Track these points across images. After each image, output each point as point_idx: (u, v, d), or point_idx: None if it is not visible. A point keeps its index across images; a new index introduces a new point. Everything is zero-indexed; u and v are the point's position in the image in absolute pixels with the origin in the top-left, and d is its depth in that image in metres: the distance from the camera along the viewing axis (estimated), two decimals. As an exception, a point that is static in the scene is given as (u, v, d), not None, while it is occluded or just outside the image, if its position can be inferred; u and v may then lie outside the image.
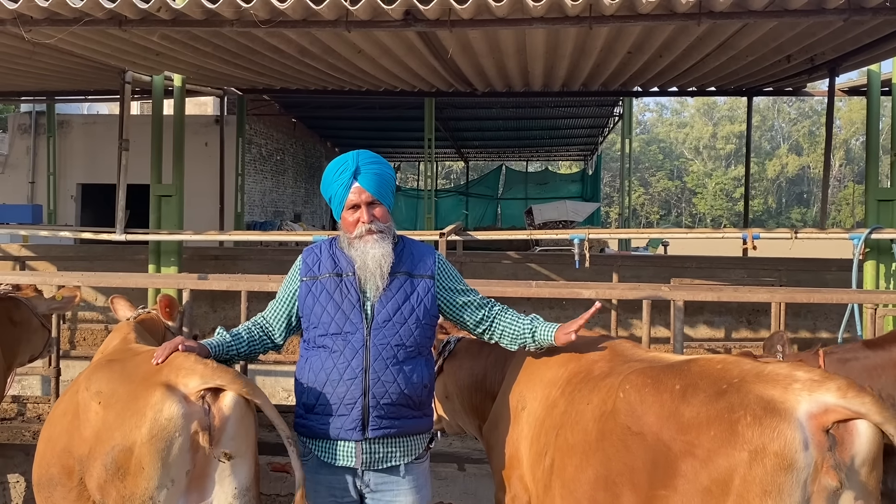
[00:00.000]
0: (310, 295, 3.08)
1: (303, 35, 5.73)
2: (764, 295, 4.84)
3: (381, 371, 2.97)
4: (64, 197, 17.50)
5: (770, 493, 2.24)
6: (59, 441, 3.19)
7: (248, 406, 3.04)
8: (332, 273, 3.07)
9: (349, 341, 2.99)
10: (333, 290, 3.04)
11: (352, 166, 3.05)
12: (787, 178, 76.05)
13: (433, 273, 3.14)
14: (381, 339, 2.99)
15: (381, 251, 2.99)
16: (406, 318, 3.02)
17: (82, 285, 7.24)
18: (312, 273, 3.10)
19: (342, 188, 3.05)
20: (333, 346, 3.00)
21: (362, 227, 3.01)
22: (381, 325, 2.99)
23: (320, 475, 3.05)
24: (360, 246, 3.02)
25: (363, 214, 3.02)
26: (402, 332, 3.01)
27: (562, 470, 2.88)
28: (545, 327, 3.17)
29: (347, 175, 3.05)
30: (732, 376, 2.55)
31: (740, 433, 2.32)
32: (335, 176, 3.09)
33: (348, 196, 3.04)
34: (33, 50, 5.80)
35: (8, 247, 10.26)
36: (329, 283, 3.06)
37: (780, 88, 9.23)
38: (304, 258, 3.18)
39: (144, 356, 3.26)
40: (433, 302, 3.11)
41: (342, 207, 3.07)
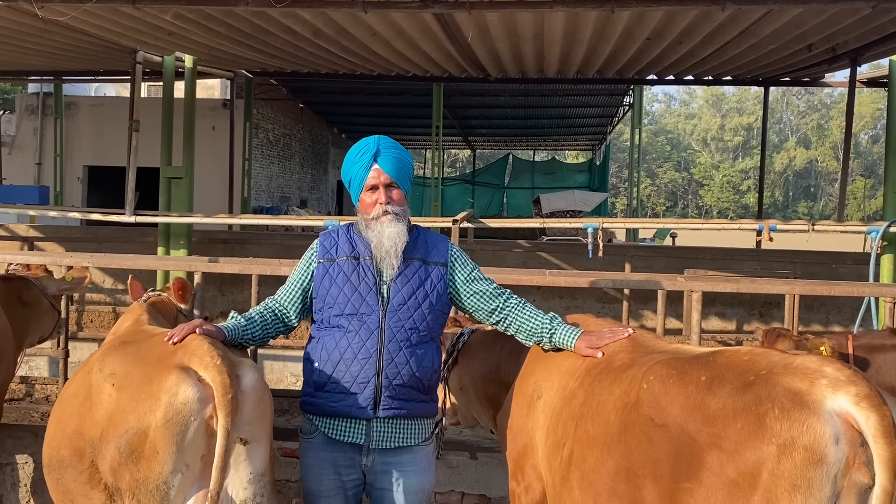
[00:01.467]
0: (326, 276, 3.11)
1: (318, 16, 5.64)
2: (784, 287, 4.77)
3: (394, 353, 3.02)
4: (70, 178, 17.48)
5: (799, 488, 2.18)
6: (71, 422, 3.13)
7: (265, 391, 3.00)
8: (350, 256, 3.11)
9: (364, 322, 3.03)
10: (350, 273, 3.08)
11: (372, 149, 3.11)
12: (795, 172, 75.72)
13: (446, 261, 3.19)
14: (395, 322, 3.04)
15: (395, 230, 3.04)
16: (420, 302, 3.08)
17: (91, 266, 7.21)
18: (330, 255, 3.14)
19: (362, 169, 3.10)
20: (349, 326, 3.04)
21: (379, 207, 3.06)
22: (396, 308, 3.05)
23: (326, 451, 3.08)
24: (375, 226, 3.06)
25: (381, 195, 3.07)
26: (416, 316, 3.06)
27: (581, 461, 2.82)
28: (565, 331, 3.15)
29: (368, 157, 3.10)
30: (760, 368, 2.48)
31: (768, 426, 2.25)
32: (356, 158, 3.14)
33: (367, 177, 3.09)
34: (45, 28, 5.72)
35: (16, 227, 10.21)
36: (346, 265, 3.10)
37: (798, 79, 9.11)
38: (321, 241, 3.21)
39: (158, 338, 3.19)
40: (445, 289, 3.16)
41: (361, 189, 3.12)
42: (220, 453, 2.74)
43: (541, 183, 27.76)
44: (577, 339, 3.11)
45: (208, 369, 2.85)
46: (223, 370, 2.84)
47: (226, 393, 2.80)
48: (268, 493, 3.05)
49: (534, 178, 28.71)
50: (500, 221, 7.38)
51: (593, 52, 7.42)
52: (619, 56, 7.52)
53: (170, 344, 3.03)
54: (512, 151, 30.15)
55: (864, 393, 2.22)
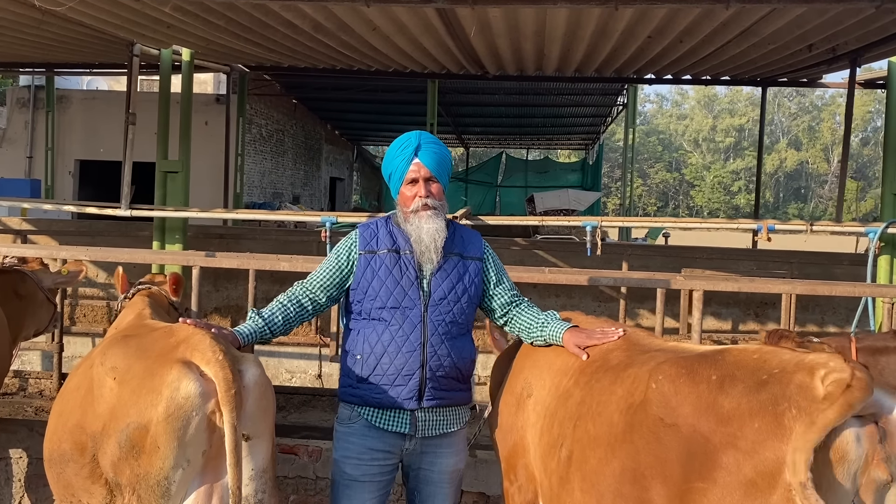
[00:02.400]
0: (368, 268, 3.16)
1: (319, 10, 5.60)
2: (785, 286, 4.77)
3: (437, 345, 3.11)
4: (62, 172, 17.35)
5: (819, 487, 2.18)
6: (72, 416, 3.11)
7: (268, 386, 2.99)
8: (391, 249, 3.17)
9: (407, 316, 3.11)
10: (392, 266, 3.14)
11: (414, 143, 3.17)
12: (786, 173, 75.93)
13: (482, 256, 3.28)
14: (437, 316, 3.12)
15: (434, 226, 3.11)
16: (459, 296, 3.17)
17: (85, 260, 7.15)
18: (371, 247, 3.19)
19: (404, 162, 3.17)
20: (391, 319, 3.12)
21: (419, 201, 3.12)
22: (437, 302, 3.13)
23: (368, 438, 3.17)
24: (414, 221, 3.13)
25: (420, 188, 3.13)
26: (456, 309, 3.15)
27: (582, 462, 2.81)
28: (556, 325, 3.22)
29: (410, 150, 3.16)
30: (772, 366, 2.48)
31: (787, 426, 2.25)
32: (398, 151, 3.21)
33: (408, 171, 3.16)
34: (42, 19, 5.66)
35: (9, 220, 10.13)
36: (388, 258, 3.16)
37: (795, 79, 9.12)
38: (360, 233, 3.26)
39: (161, 332, 3.18)
40: (481, 283, 3.26)
41: (401, 182, 3.19)
42: (230, 449, 2.74)
43: (534, 182, 27.73)
44: (565, 333, 3.16)
45: (210, 364, 2.83)
46: (225, 365, 2.82)
47: (229, 388, 2.79)
48: (269, 490, 3.03)
49: (527, 176, 28.68)
50: (499, 219, 7.35)
51: (593, 50, 7.40)
52: (618, 54, 7.50)
53: (171, 339, 3.01)
54: (505, 150, 30.12)
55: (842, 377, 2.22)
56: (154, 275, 4.59)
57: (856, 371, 2.25)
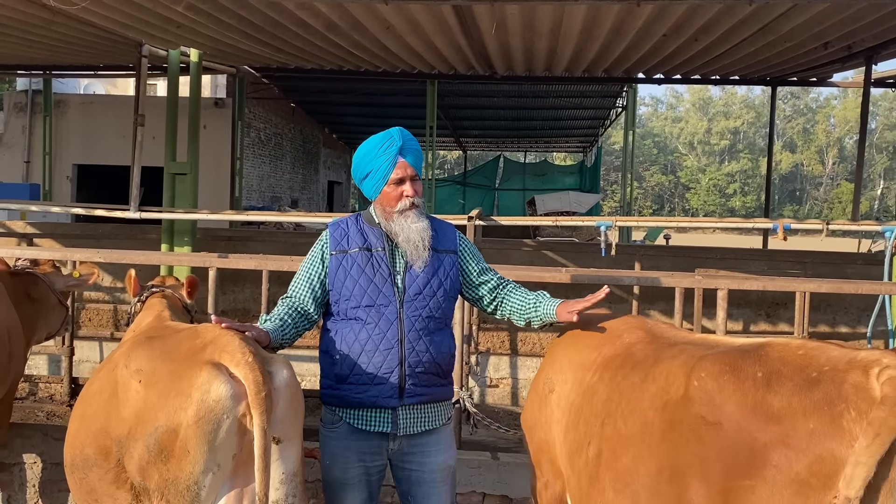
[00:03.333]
0: (340, 268, 3.14)
1: (333, 8, 5.54)
2: (809, 286, 4.72)
3: (415, 341, 3.09)
4: (59, 177, 17.24)
5: (879, 490, 2.13)
6: (95, 420, 3.04)
7: (297, 388, 2.94)
8: (362, 248, 3.15)
9: (383, 313, 3.09)
10: (364, 264, 3.12)
11: (398, 142, 3.14)
12: (781, 176, 76.07)
13: (456, 248, 3.26)
14: (413, 311, 3.10)
15: (422, 224, 3.12)
16: (435, 290, 3.15)
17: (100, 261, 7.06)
18: (342, 247, 3.17)
19: (388, 163, 3.13)
20: (367, 318, 3.09)
21: (407, 200, 3.10)
22: (412, 297, 3.11)
23: (352, 441, 3.14)
24: (401, 221, 3.11)
25: (409, 188, 3.11)
26: (432, 304, 3.14)
27: (613, 461, 2.76)
28: (549, 302, 3.23)
29: (394, 150, 3.13)
30: (821, 364, 2.43)
31: (846, 428, 2.20)
32: (380, 151, 3.15)
33: (394, 171, 3.12)
34: (52, 19, 5.58)
35: (13, 224, 10.03)
36: (359, 257, 3.14)
37: (806, 79, 9.07)
38: (330, 233, 3.23)
39: (185, 334, 3.11)
40: (457, 276, 3.24)
41: (384, 182, 3.14)
42: (259, 453, 2.68)
43: (532, 184, 27.73)
44: (557, 308, 3.19)
45: (240, 366, 2.77)
46: (255, 367, 2.76)
47: (259, 391, 2.72)
48: (300, 494, 2.98)
49: (525, 179, 28.67)
50: (512, 219, 7.27)
51: (606, 49, 7.34)
52: (631, 53, 7.44)
53: (197, 340, 2.95)
54: (503, 153, 30.08)
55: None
56: (165, 277, 4.54)
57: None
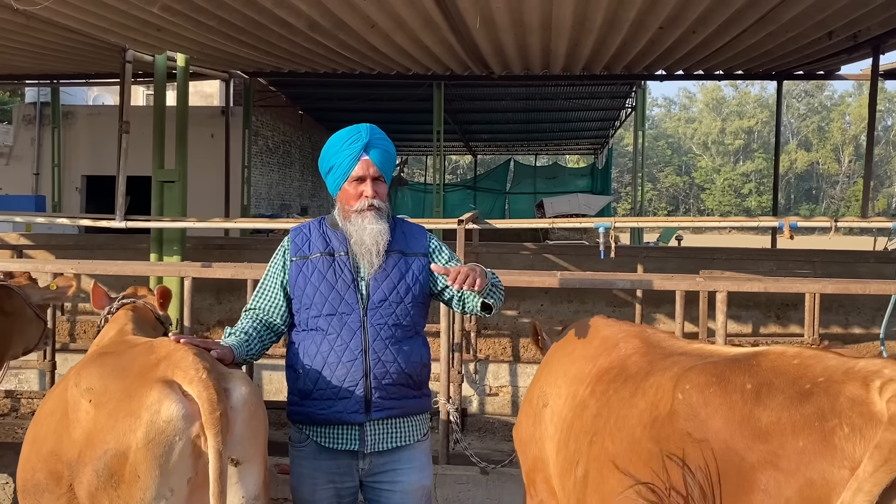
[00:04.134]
0: (300, 275, 2.97)
1: (313, 6, 5.36)
2: (814, 286, 4.48)
3: (380, 351, 2.91)
4: (69, 188, 17.31)
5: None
6: (46, 443, 2.89)
7: (258, 405, 2.75)
8: (324, 252, 2.98)
9: (345, 322, 2.91)
10: (326, 270, 2.95)
11: (364, 138, 2.96)
12: (796, 174, 75.51)
13: (426, 251, 3.07)
14: (378, 319, 2.92)
15: (378, 227, 2.93)
16: (402, 297, 2.96)
17: (81, 274, 6.94)
18: (303, 252, 3.00)
19: (350, 158, 2.96)
20: (328, 328, 2.91)
21: (365, 201, 2.93)
22: (377, 304, 2.93)
23: (320, 461, 2.96)
24: (357, 221, 2.94)
25: (368, 189, 2.94)
26: (399, 311, 2.95)
27: (600, 483, 2.59)
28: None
29: (358, 147, 2.96)
30: (816, 374, 2.22)
31: (838, 447, 1.98)
32: (344, 146, 2.98)
33: (355, 168, 2.96)
34: (27, 24, 5.44)
35: (6, 236, 9.95)
36: (321, 262, 2.96)
37: (812, 72, 8.80)
38: (292, 238, 3.06)
39: (140, 349, 2.93)
40: (427, 280, 3.05)
41: (345, 179, 2.98)
42: (214, 477, 2.50)
43: (543, 188, 27.58)
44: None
45: (193, 383, 2.59)
46: (209, 384, 2.58)
47: (213, 410, 2.54)
48: (263, 518, 2.78)
49: (536, 182, 28.54)
50: (507, 222, 7.08)
51: (602, 45, 7.13)
52: (628, 48, 7.22)
53: (152, 356, 2.77)
54: (513, 156, 29.95)
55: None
56: (137, 287, 4.35)
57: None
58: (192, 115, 16.16)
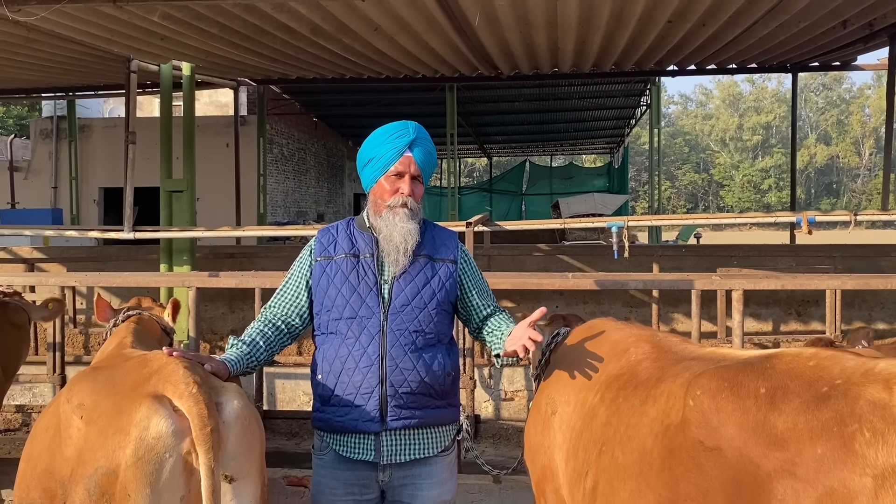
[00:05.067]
0: (324, 276, 2.89)
1: (314, 10, 5.29)
2: (833, 282, 4.33)
3: (399, 358, 2.80)
4: (87, 201, 17.49)
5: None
6: (41, 461, 2.83)
7: (252, 419, 2.66)
8: (349, 253, 2.89)
9: (364, 326, 2.81)
10: (349, 272, 2.86)
11: (412, 135, 2.88)
12: (816, 169, 74.77)
13: (456, 258, 2.97)
14: (398, 325, 2.81)
15: (409, 226, 2.84)
16: (426, 302, 2.86)
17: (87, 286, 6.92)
18: (327, 253, 2.91)
19: (394, 152, 2.87)
20: (348, 331, 2.82)
21: (401, 197, 2.85)
22: (398, 309, 2.82)
23: (339, 471, 2.87)
24: (389, 217, 2.85)
25: (406, 185, 2.86)
26: (422, 317, 2.84)
27: (610, 495, 2.50)
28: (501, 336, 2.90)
29: (404, 142, 2.87)
30: (833, 376, 2.11)
31: (859, 453, 1.86)
32: (389, 139, 2.89)
33: (397, 162, 2.87)
34: (29, 37, 5.41)
35: (20, 249, 10.00)
36: (344, 263, 2.87)
37: (828, 63, 8.61)
38: (318, 238, 2.97)
39: (133, 363, 2.86)
40: (454, 287, 2.95)
41: (383, 172, 2.89)
42: (207, 495, 2.42)
43: (559, 188, 27.54)
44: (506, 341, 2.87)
45: (183, 398, 2.51)
46: (200, 399, 2.50)
47: (204, 425, 2.46)
48: (259, 536, 2.70)
49: (552, 183, 28.49)
50: (517, 224, 6.96)
51: (610, 41, 7.00)
52: (637, 44, 7.09)
53: (144, 370, 2.70)
54: (529, 158, 29.87)
55: None
56: (141, 298, 4.29)
57: None
58: (207, 124, 16.33)
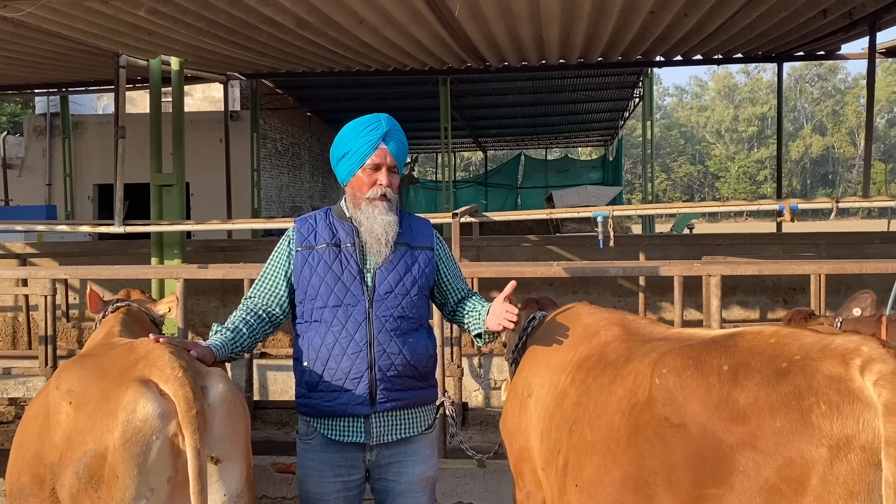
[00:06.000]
0: (306, 266, 2.94)
1: (298, 3, 5.34)
2: (810, 267, 4.41)
3: (385, 343, 2.89)
4: (81, 197, 17.44)
5: (858, 494, 1.88)
6: (30, 447, 2.91)
7: (237, 403, 2.74)
8: (330, 243, 2.95)
9: (350, 314, 2.88)
10: (332, 261, 2.92)
11: (385, 127, 2.95)
12: (812, 160, 74.84)
13: (432, 245, 3.08)
14: (383, 311, 2.90)
15: (389, 218, 2.92)
16: (408, 289, 2.95)
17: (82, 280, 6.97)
18: (308, 243, 2.97)
19: (368, 145, 2.93)
20: (334, 319, 2.89)
21: (379, 189, 2.92)
22: (383, 296, 2.91)
23: (327, 454, 2.95)
24: (369, 210, 2.92)
25: (383, 177, 2.93)
26: (405, 303, 2.94)
27: (578, 471, 2.57)
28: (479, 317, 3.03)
29: (378, 134, 2.93)
30: (792, 353, 2.18)
31: (815, 425, 1.94)
32: (363, 132, 2.95)
33: (372, 155, 2.93)
34: (15, 32, 5.46)
35: (12, 245, 10.05)
36: (326, 253, 2.94)
37: (812, 52, 8.67)
38: (297, 228, 3.02)
39: (120, 350, 2.93)
40: (433, 273, 3.05)
41: (359, 166, 2.95)
42: (194, 475, 2.49)
43: (554, 181, 27.50)
44: (486, 318, 2.99)
45: (169, 382, 2.59)
46: (185, 383, 2.57)
47: (189, 408, 2.53)
48: (247, 516, 2.77)
49: (547, 176, 28.47)
50: (504, 214, 7.05)
51: (595, 31, 7.06)
52: (622, 35, 7.15)
53: (131, 356, 2.77)
54: (524, 151, 29.89)
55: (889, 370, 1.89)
56: (129, 290, 4.34)
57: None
58: (201, 119, 16.35)
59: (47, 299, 5.13)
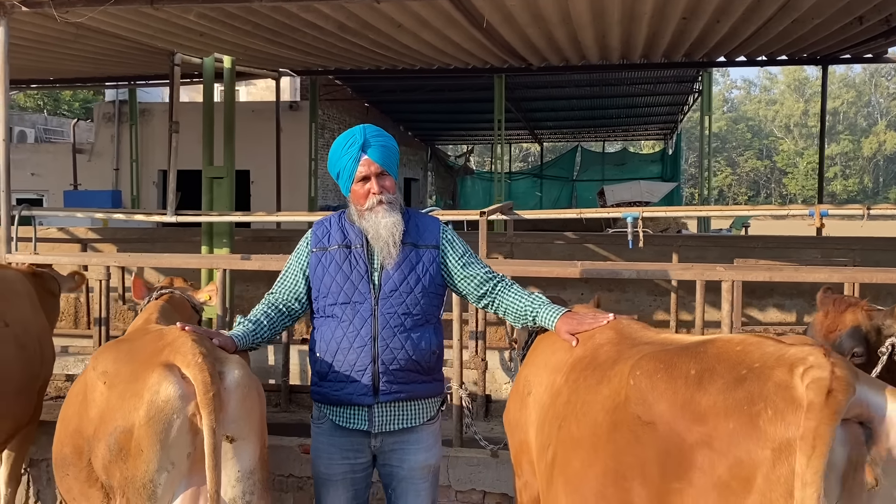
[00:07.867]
0: (319, 265, 3.17)
1: (337, 9, 5.58)
2: (821, 274, 4.47)
3: (389, 339, 3.09)
4: (146, 183, 17.92)
5: None
6: (72, 421, 3.19)
7: (252, 387, 2.98)
8: (341, 245, 3.16)
9: (358, 311, 3.10)
10: (342, 261, 3.14)
11: (360, 139, 3.12)
12: (885, 157, 72.21)
13: (438, 243, 3.23)
14: (388, 308, 3.10)
15: (392, 219, 3.10)
16: (412, 287, 3.13)
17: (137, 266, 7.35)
18: (322, 244, 3.20)
19: (351, 161, 3.13)
20: (343, 315, 3.12)
21: (373, 198, 3.10)
22: (388, 294, 3.11)
23: (335, 437, 3.18)
24: (371, 217, 3.11)
25: (373, 185, 3.11)
26: (409, 300, 3.12)
27: (565, 465, 2.73)
28: (548, 311, 3.15)
29: (356, 148, 3.12)
30: (753, 360, 2.33)
31: (762, 429, 2.10)
32: (344, 150, 3.15)
33: (357, 169, 3.12)
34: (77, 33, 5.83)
35: (75, 230, 10.56)
36: (338, 254, 3.15)
37: (858, 55, 8.55)
38: (314, 230, 3.27)
39: (152, 336, 3.21)
40: (438, 271, 3.21)
41: (351, 181, 3.14)
42: (209, 452, 2.74)
43: (611, 175, 27.13)
44: (559, 321, 3.11)
45: (190, 367, 2.84)
46: (204, 367, 2.82)
47: (207, 390, 2.78)
48: (258, 492, 3.02)
49: (604, 169, 28.12)
50: (535, 213, 7.12)
51: (630, 37, 7.12)
52: (658, 39, 7.19)
53: (160, 342, 3.04)
54: (581, 143, 29.63)
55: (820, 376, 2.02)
56: (173, 278, 4.63)
57: (836, 369, 2.07)
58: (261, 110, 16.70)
59: (101, 283, 5.42)
